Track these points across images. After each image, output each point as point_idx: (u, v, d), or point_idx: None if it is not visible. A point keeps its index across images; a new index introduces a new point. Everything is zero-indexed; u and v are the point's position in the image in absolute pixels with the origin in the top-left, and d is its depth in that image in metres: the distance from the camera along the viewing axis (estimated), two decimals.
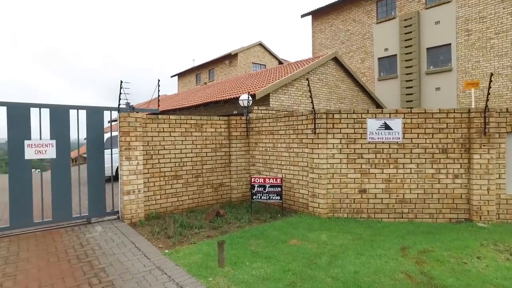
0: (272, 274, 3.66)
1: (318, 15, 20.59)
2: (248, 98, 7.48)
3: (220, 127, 7.26)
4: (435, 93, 15.26)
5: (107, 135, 9.45)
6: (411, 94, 15.87)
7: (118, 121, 6.05)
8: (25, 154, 5.39)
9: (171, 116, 6.52)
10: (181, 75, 33.39)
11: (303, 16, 21.08)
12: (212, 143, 7.14)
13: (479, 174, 5.68)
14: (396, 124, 5.94)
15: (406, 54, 16.02)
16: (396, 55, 16.65)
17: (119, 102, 6.13)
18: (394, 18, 16.65)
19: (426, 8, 15.43)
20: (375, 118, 5.98)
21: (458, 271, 3.68)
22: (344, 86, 13.92)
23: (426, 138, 5.87)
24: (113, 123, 14.55)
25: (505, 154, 5.76)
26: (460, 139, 5.82)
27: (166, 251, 4.43)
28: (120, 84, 6.01)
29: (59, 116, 5.70)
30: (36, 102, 5.51)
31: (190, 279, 3.55)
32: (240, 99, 7.57)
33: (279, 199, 6.29)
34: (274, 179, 6.31)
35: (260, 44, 27.84)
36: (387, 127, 5.95)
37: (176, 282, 3.46)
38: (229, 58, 26.78)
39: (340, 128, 6.03)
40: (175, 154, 6.58)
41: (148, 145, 6.25)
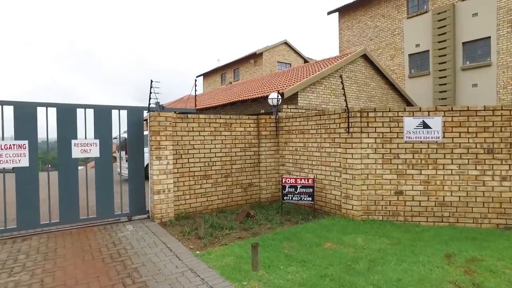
0: (309, 279, 3.49)
1: (345, 11, 20.11)
2: (278, 96, 7.33)
3: (249, 126, 7.15)
4: (471, 89, 14.47)
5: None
6: (445, 91, 15.14)
7: (148, 120, 6.07)
8: (72, 153, 5.55)
9: (201, 115, 6.47)
10: (206, 75, 33.69)
11: (329, 13, 20.66)
12: (241, 143, 7.04)
13: None
14: (436, 122, 5.60)
15: (439, 49, 15.28)
16: (428, 51, 15.93)
17: (149, 102, 6.15)
18: (427, 12, 15.93)
19: (462, 0, 14.65)
20: (413, 116, 5.68)
21: None
22: (374, 84, 13.49)
23: (469, 138, 5.49)
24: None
25: None
26: (509, 138, 5.39)
27: (198, 252, 4.36)
28: (151, 84, 6.02)
29: (102, 116, 5.84)
30: (82, 103, 5.68)
31: (223, 282, 3.45)
32: (269, 97, 7.43)
33: (311, 200, 6.10)
34: (306, 180, 6.12)
35: (285, 43, 27.58)
36: (425, 125, 5.63)
37: (210, 286, 3.37)
38: (254, 58, 26.71)
39: (375, 127, 5.77)
40: (204, 153, 6.53)
41: (177, 144, 6.23)
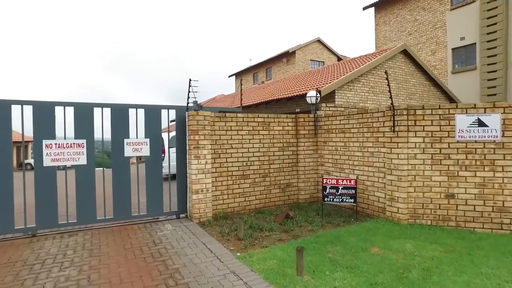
0: (358, 287, 3.27)
1: (382, 6, 19.35)
2: (316, 95, 7.09)
3: (288, 125, 6.97)
4: None
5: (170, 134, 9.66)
6: (494, 87, 14.09)
7: (187, 119, 6.07)
8: (124, 152, 5.71)
9: (239, 114, 6.39)
10: (238, 75, 33.80)
11: (365, 8, 19.98)
12: (280, 142, 6.88)
13: None
14: (493, 120, 5.14)
15: (488, 42, 14.23)
16: (475, 44, 14.91)
17: (188, 101, 6.14)
18: (474, 2, 14.89)
19: None
20: (466, 114, 5.25)
21: None
22: (414, 81, 12.82)
23: None
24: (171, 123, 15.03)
25: None
26: None
27: (238, 254, 4.25)
28: (189, 83, 6.00)
29: (152, 115, 5.97)
30: (133, 103, 5.82)
31: (268, 287, 3.31)
32: (307, 95, 7.21)
33: (353, 202, 5.82)
34: (348, 181, 5.85)
35: (318, 41, 27.03)
36: (481, 123, 5.19)
37: None
38: (286, 56, 26.41)
39: (423, 126, 5.41)
40: (242, 153, 6.44)
41: (216, 143, 6.18)
